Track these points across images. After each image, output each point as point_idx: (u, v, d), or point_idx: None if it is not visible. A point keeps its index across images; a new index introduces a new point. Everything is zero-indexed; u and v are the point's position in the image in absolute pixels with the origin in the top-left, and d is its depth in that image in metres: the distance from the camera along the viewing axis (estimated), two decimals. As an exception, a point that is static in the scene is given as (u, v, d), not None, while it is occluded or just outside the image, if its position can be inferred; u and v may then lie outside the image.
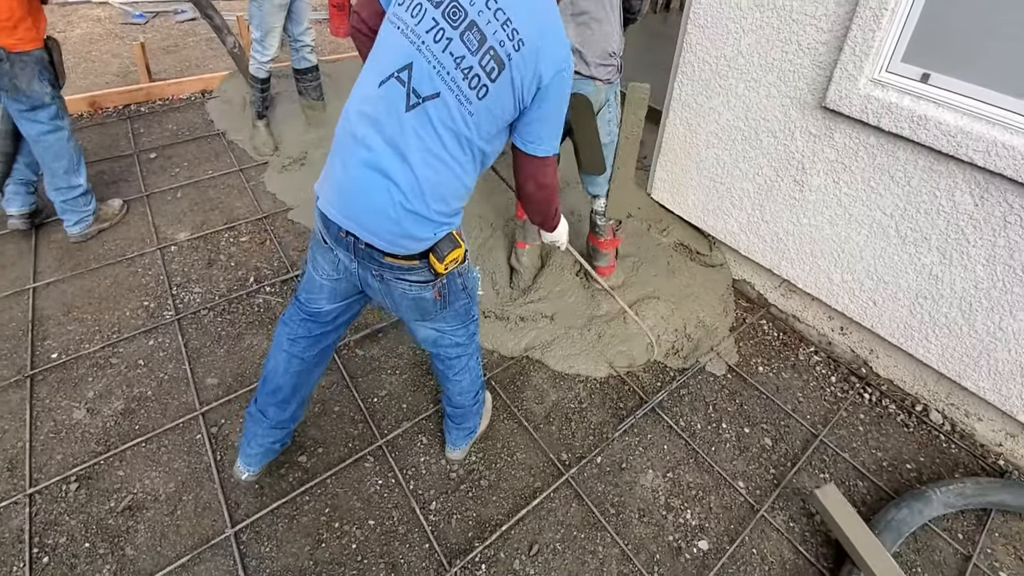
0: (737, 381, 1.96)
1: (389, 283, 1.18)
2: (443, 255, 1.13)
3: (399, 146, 1.04)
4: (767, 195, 2.09)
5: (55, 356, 1.83)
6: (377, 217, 1.07)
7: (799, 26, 1.80)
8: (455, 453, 1.62)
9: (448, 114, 1.02)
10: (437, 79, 1.01)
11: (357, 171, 1.07)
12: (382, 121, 1.04)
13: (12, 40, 1.82)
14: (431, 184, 1.06)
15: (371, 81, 1.05)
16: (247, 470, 1.43)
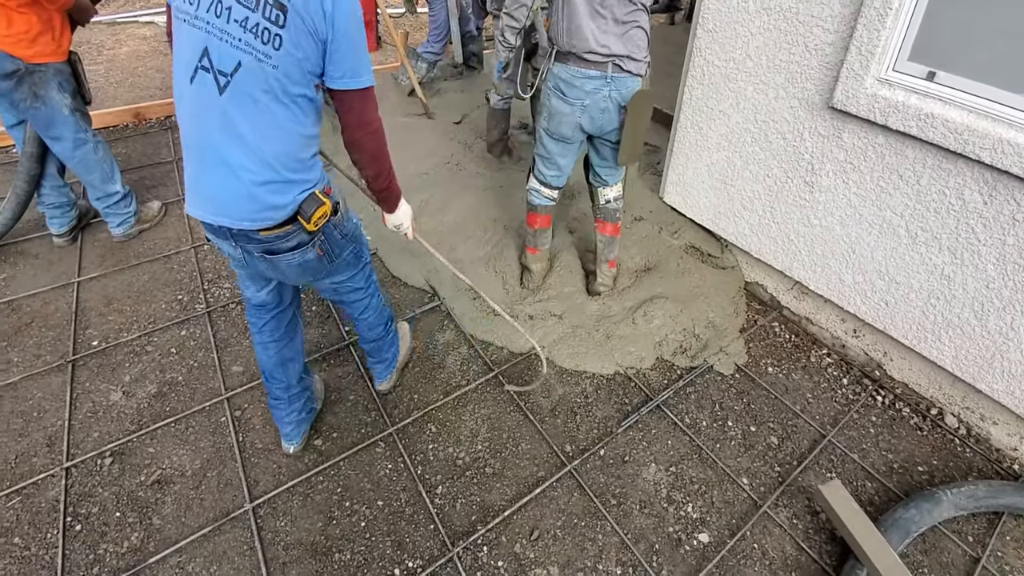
0: (745, 381, 1.97)
1: (272, 260, 1.25)
2: (308, 215, 1.18)
3: (229, 128, 1.08)
4: (777, 197, 2.11)
5: (96, 344, 1.98)
6: (237, 201, 1.13)
7: (806, 28, 1.84)
8: (383, 384, 1.84)
9: (256, 77, 1.05)
10: (234, 51, 1.04)
11: (205, 168, 1.13)
12: (205, 115, 1.08)
13: (30, 52, 1.92)
14: (271, 151, 1.11)
15: (182, 81, 1.09)
16: (290, 444, 1.65)
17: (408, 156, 3.02)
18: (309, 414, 1.66)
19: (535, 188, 2.06)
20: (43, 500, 1.52)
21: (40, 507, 1.51)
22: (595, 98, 1.74)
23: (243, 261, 1.30)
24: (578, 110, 1.77)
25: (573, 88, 1.74)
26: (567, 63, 1.72)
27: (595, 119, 1.80)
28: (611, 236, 2.13)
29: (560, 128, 1.83)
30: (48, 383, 1.84)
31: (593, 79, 1.71)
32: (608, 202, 2.09)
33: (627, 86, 1.75)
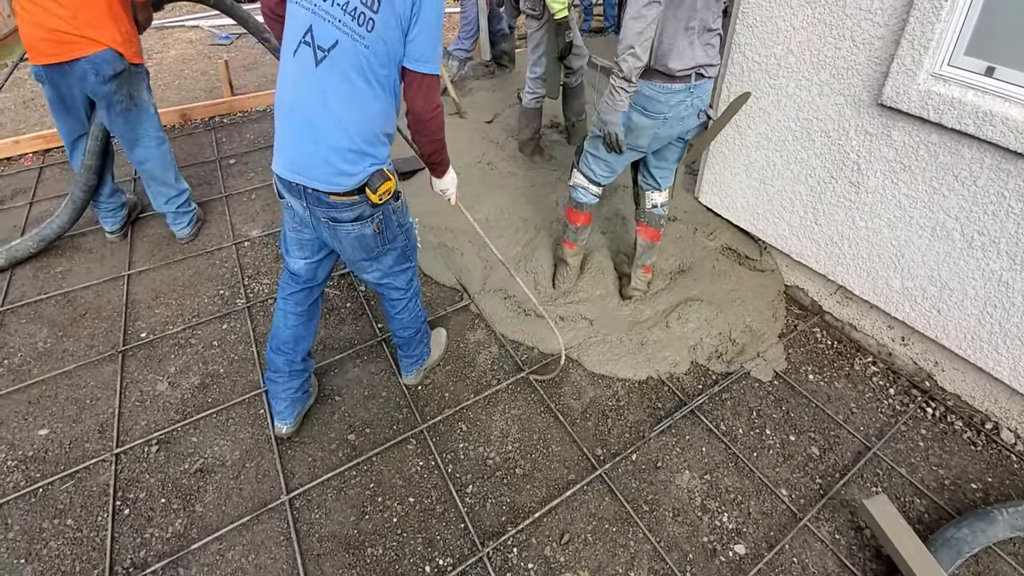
0: (784, 388, 1.90)
1: (335, 228, 1.38)
2: (376, 187, 1.31)
3: (319, 97, 1.23)
4: (820, 198, 2.03)
5: (144, 335, 2.07)
6: (315, 162, 1.28)
7: (853, 21, 1.77)
8: (408, 378, 1.90)
9: (349, 55, 1.21)
10: (334, 30, 1.20)
11: (293, 130, 1.28)
12: (301, 82, 1.25)
13: (130, 52, 2.04)
14: (353, 120, 1.25)
15: (287, 55, 1.27)
16: (283, 424, 1.69)
17: (441, 156, 3.04)
18: (305, 395, 1.73)
19: (582, 185, 2.00)
20: (94, 484, 1.60)
21: (92, 491, 1.59)
22: (677, 110, 1.71)
23: (307, 222, 1.43)
24: (659, 123, 1.73)
25: (657, 103, 1.69)
26: (652, 80, 1.66)
27: (674, 129, 1.76)
28: (651, 242, 2.07)
29: (638, 141, 1.79)
30: (100, 372, 1.93)
31: (678, 93, 1.67)
32: (655, 207, 2.02)
33: (705, 91, 1.74)
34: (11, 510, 1.54)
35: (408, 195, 2.79)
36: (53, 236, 2.36)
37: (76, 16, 1.88)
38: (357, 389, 1.88)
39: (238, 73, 4.22)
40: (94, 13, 1.90)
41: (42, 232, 2.34)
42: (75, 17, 1.88)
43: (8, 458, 1.67)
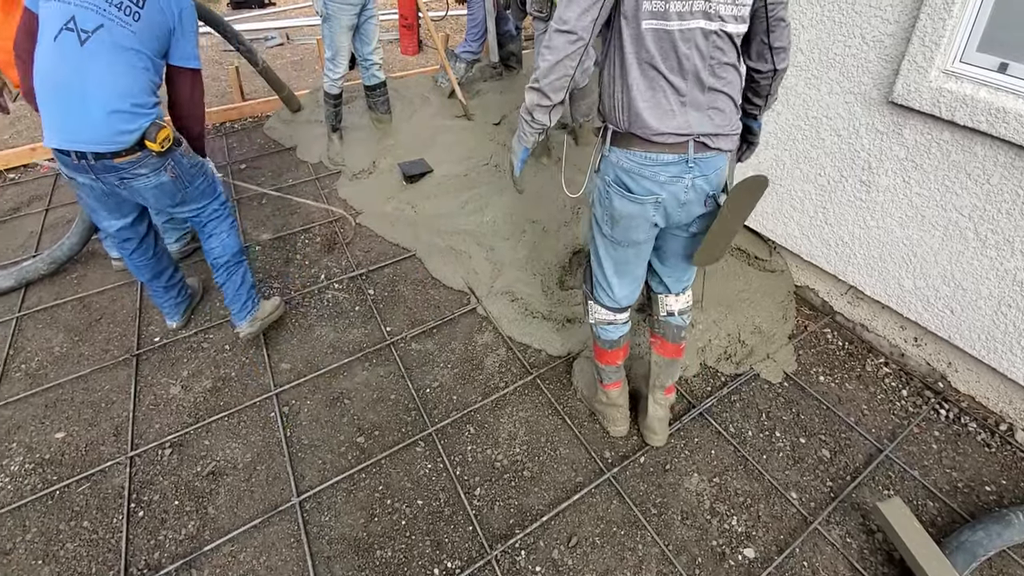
0: (795, 390, 1.89)
1: (131, 184, 1.54)
2: (154, 136, 1.48)
3: (86, 70, 1.40)
4: (830, 197, 2.01)
5: (157, 340, 2.10)
6: (92, 126, 1.42)
7: (863, 18, 1.74)
8: (243, 327, 1.92)
9: (116, 35, 1.41)
10: (97, 16, 1.39)
11: (64, 105, 1.42)
12: (66, 62, 1.39)
13: None
14: (124, 84, 1.43)
15: (46, 42, 1.41)
16: (172, 321, 2.06)
17: (448, 157, 3.06)
18: (185, 299, 2.08)
19: (605, 321, 1.54)
20: (110, 487, 1.63)
21: (107, 493, 1.61)
22: (672, 189, 1.25)
23: (104, 193, 1.58)
24: (650, 208, 1.28)
25: (641, 180, 1.25)
26: (630, 147, 1.23)
27: (671, 214, 1.30)
28: (672, 359, 1.60)
29: (629, 234, 1.34)
30: (115, 376, 1.96)
31: (669, 166, 1.22)
32: (670, 315, 1.55)
33: (714, 168, 1.26)
34: (29, 512, 1.57)
35: (418, 197, 2.81)
36: (64, 258, 2.37)
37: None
38: (366, 392, 1.90)
39: (249, 78, 4.25)
40: None
41: (53, 254, 2.36)
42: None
43: (26, 461, 1.70)
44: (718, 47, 1.17)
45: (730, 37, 1.17)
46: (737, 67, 1.23)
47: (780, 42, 1.25)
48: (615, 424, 1.70)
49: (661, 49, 1.14)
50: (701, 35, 1.14)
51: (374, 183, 2.98)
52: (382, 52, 3.16)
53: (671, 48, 1.14)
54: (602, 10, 1.13)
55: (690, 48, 1.14)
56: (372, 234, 2.66)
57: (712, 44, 1.16)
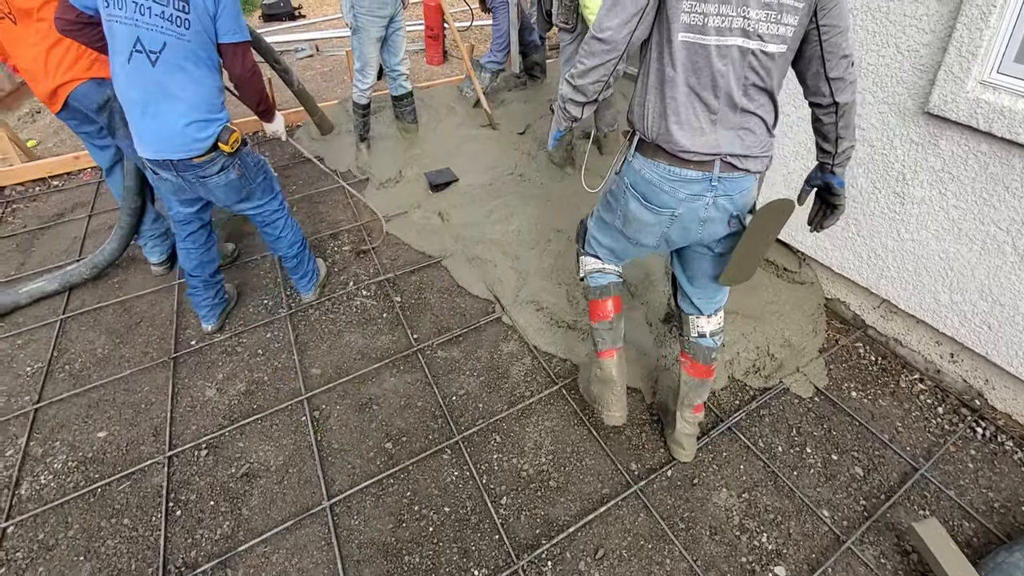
0: (826, 405, 1.85)
1: (205, 182, 1.76)
2: (226, 139, 1.70)
3: (162, 89, 1.59)
4: (863, 208, 1.98)
5: (194, 343, 2.17)
6: (174, 138, 1.64)
7: (897, 28, 1.72)
8: (308, 295, 2.28)
9: (177, 52, 1.57)
10: (159, 35, 1.54)
11: (149, 121, 1.63)
12: (144, 82, 1.59)
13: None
14: (194, 99, 1.63)
15: (120, 63, 1.58)
16: (208, 324, 2.15)
17: (473, 166, 3.09)
18: (222, 302, 2.18)
19: (595, 269, 1.55)
20: (149, 486, 1.68)
21: (146, 492, 1.67)
22: (693, 206, 1.24)
23: (183, 187, 1.81)
24: (666, 221, 1.28)
25: (661, 194, 1.25)
26: (655, 158, 1.23)
27: (690, 231, 1.30)
28: (702, 379, 1.56)
29: (638, 236, 1.37)
30: (154, 378, 2.03)
31: (691, 183, 1.22)
32: (702, 336, 1.52)
33: (740, 189, 1.24)
34: (71, 509, 1.63)
35: (444, 206, 2.85)
36: (105, 263, 2.46)
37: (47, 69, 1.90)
38: (393, 399, 1.92)
39: (280, 89, 4.36)
40: (64, 51, 1.91)
41: (94, 259, 2.45)
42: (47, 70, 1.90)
43: (69, 459, 1.77)
44: (754, 68, 1.14)
45: (769, 59, 1.14)
46: (773, 94, 1.20)
47: (837, 72, 1.18)
48: (608, 407, 1.56)
49: (695, 64, 1.13)
50: (738, 52, 1.12)
51: (401, 191, 3.03)
52: (409, 63, 3.22)
53: (706, 64, 1.13)
54: (640, 23, 1.13)
55: (726, 65, 1.13)
56: (399, 242, 2.71)
57: (748, 64, 1.14)
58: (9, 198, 3.17)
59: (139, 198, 2.35)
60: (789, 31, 1.13)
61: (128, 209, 2.36)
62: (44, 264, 2.64)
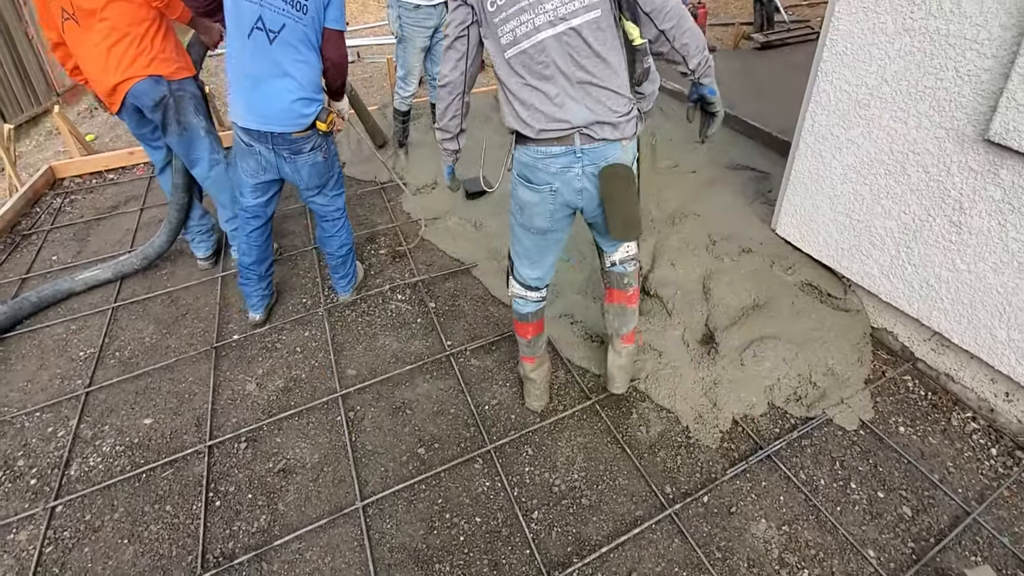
0: (871, 439, 1.79)
1: (295, 160, 1.89)
2: (324, 118, 1.84)
3: (278, 66, 1.73)
4: (915, 236, 1.91)
5: (235, 337, 2.23)
6: (281, 113, 1.77)
7: (956, 51, 1.67)
8: (345, 296, 2.36)
9: (296, 33, 1.71)
10: (280, 17, 1.68)
11: (261, 91, 1.74)
12: (261, 57, 1.72)
13: (170, 70, 2.07)
14: (303, 77, 1.77)
15: (240, 36, 1.70)
16: (255, 313, 2.24)
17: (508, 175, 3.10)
18: (270, 294, 2.29)
19: (519, 295, 1.70)
20: (190, 474, 1.73)
21: (188, 480, 1.71)
22: (565, 178, 1.41)
23: (271, 164, 1.91)
24: (547, 196, 1.44)
25: (537, 172, 1.42)
26: (526, 144, 1.42)
27: (572, 202, 1.46)
28: (622, 305, 1.70)
29: (533, 220, 1.51)
30: (197, 369, 2.09)
31: (558, 157, 1.38)
32: (614, 265, 1.67)
33: (605, 157, 1.38)
34: (117, 492, 1.69)
35: (478, 214, 2.87)
36: (154, 255, 2.56)
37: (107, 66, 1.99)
38: (427, 404, 1.94)
39: (323, 92, 4.49)
40: (125, 49, 1.99)
41: (145, 251, 2.55)
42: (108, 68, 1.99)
43: (117, 443, 1.84)
44: (574, 45, 1.29)
45: (584, 30, 1.27)
46: (604, 57, 1.31)
47: (652, 5, 1.29)
48: (529, 397, 1.89)
49: (525, 65, 1.33)
50: (553, 40, 1.28)
51: (437, 197, 3.06)
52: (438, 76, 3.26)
53: (532, 61, 1.32)
54: (468, 62, 1.42)
55: (547, 56, 1.30)
56: (434, 247, 2.74)
57: (566, 44, 1.29)
58: (68, 189, 3.33)
59: (187, 195, 2.44)
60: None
61: (176, 205, 2.45)
62: (99, 253, 2.76)
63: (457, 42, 1.39)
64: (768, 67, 4.59)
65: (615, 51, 1.33)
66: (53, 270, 2.66)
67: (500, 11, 1.30)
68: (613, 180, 1.39)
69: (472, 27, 1.37)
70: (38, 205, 3.17)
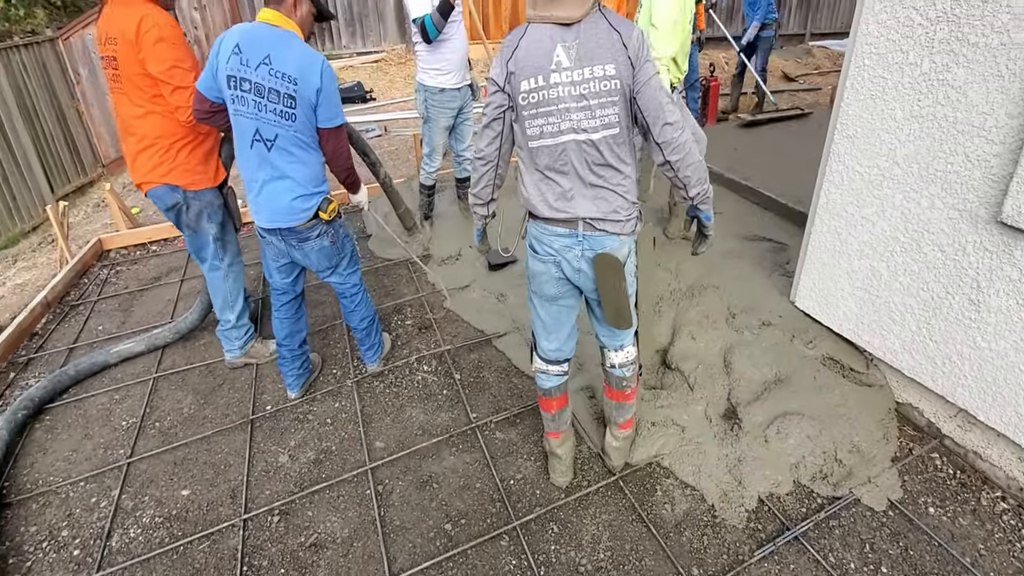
0: (901, 520, 1.83)
1: (303, 247, 2.11)
2: (326, 208, 2.06)
3: (276, 168, 1.96)
4: (935, 313, 2.02)
5: (269, 408, 2.40)
6: (283, 210, 2.01)
7: (965, 137, 1.81)
8: (373, 366, 2.57)
9: (286, 140, 1.92)
10: (272, 127, 1.90)
11: (265, 193, 2.00)
12: (262, 164, 1.96)
13: (188, 181, 2.25)
14: (300, 176, 1.98)
15: (244, 146, 1.96)
16: (292, 391, 2.43)
17: (533, 246, 3.32)
18: (306, 371, 2.47)
19: (541, 370, 1.87)
20: (225, 547, 1.86)
21: (223, 553, 1.84)
22: (567, 255, 1.61)
23: (284, 251, 2.16)
24: (552, 267, 1.65)
25: (542, 244, 1.64)
26: (536, 220, 1.64)
27: (572, 278, 1.67)
28: (619, 403, 1.92)
29: (542, 288, 1.71)
30: (233, 440, 2.26)
31: (561, 236, 1.59)
32: (613, 367, 1.86)
33: (603, 246, 1.58)
34: (156, 565, 1.82)
35: (502, 285, 3.07)
36: (186, 330, 2.81)
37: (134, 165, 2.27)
38: (453, 478, 2.05)
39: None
40: (148, 158, 2.21)
41: (177, 326, 2.80)
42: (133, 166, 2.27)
43: (156, 514, 1.98)
44: (590, 153, 1.50)
45: (600, 144, 1.48)
46: (616, 167, 1.53)
47: (663, 137, 1.49)
48: (554, 472, 2.02)
49: (547, 157, 1.54)
50: (574, 144, 1.50)
51: (461, 268, 3.29)
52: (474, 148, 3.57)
53: (552, 157, 1.53)
54: (502, 140, 1.62)
55: (566, 156, 1.51)
56: (458, 319, 2.93)
57: (583, 151, 1.50)
58: (114, 260, 3.67)
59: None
60: (614, 118, 1.47)
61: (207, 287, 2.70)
62: (141, 323, 3.02)
63: (494, 123, 1.59)
64: (781, 137, 4.86)
65: (627, 161, 1.54)
66: (98, 340, 2.91)
67: (531, 108, 1.49)
68: (604, 267, 1.58)
69: (507, 111, 1.56)
70: (86, 276, 3.50)
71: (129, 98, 2.15)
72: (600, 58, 1.42)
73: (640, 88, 1.45)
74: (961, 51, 1.79)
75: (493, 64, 1.56)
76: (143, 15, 2.02)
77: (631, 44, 1.42)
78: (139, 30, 2.01)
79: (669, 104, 1.49)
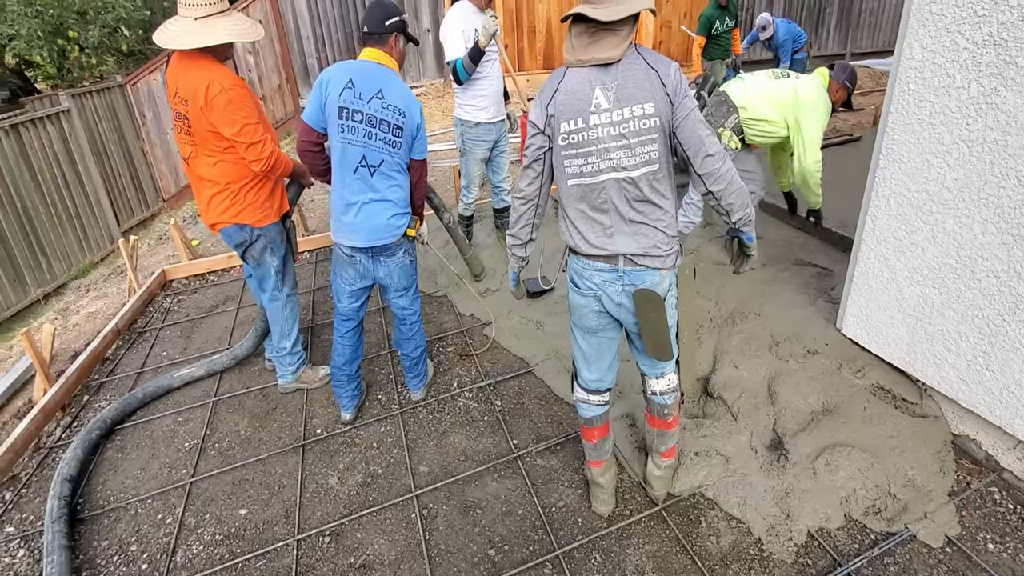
0: (960, 558, 1.79)
1: (388, 264, 2.32)
2: (413, 225, 2.32)
3: (377, 191, 2.20)
4: (991, 341, 2.00)
5: (319, 432, 2.56)
6: (383, 229, 2.23)
7: (1016, 161, 1.81)
8: (417, 394, 2.70)
9: (389, 165, 2.18)
10: (379, 154, 2.15)
11: (364, 215, 2.20)
12: (365, 188, 2.18)
13: (255, 219, 2.43)
14: (397, 198, 2.24)
15: (347, 173, 2.18)
16: (346, 413, 2.58)
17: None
18: (359, 393, 2.63)
19: (582, 399, 1.92)
20: (280, 566, 1.99)
21: (278, 572, 1.97)
22: (608, 290, 1.67)
23: (368, 272, 2.35)
24: (593, 301, 1.71)
25: (583, 279, 1.71)
26: (577, 256, 1.71)
27: (613, 312, 1.72)
28: (661, 430, 1.95)
29: (583, 320, 1.78)
30: (286, 462, 2.42)
31: (602, 271, 1.66)
32: (654, 394, 1.90)
33: (643, 281, 1.64)
34: (217, 580, 1.97)
35: (540, 314, 3.17)
36: (242, 356, 3.04)
37: (207, 209, 2.48)
38: (496, 504, 2.14)
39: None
40: (220, 201, 2.41)
41: (234, 352, 3.03)
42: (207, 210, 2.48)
43: (216, 532, 2.14)
44: (629, 190, 1.57)
45: (640, 181, 1.55)
46: (655, 202, 1.59)
47: (704, 169, 1.56)
48: (596, 501, 2.06)
49: (585, 196, 1.62)
50: (614, 183, 1.57)
51: (499, 298, 3.41)
52: (511, 180, 3.74)
53: (591, 195, 1.60)
54: (542, 180, 1.71)
55: (605, 194, 1.59)
56: (498, 346, 3.04)
57: (623, 188, 1.57)
58: (176, 290, 3.98)
59: None
60: (653, 154, 1.54)
61: (262, 316, 2.92)
62: (201, 349, 3.26)
63: (535, 163, 1.68)
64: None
65: (666, 196, 1.61)
66: (163, 365, 3.17)
67: (570, 147, 1.57)
68: (645, 302, 1.64)
69: (548, 152, 1.65)
70: (151, 305, 3.81)
71: (201, 150, 2.38)
72: (639, 98, 1.50)
73: (680, 123, 1.53)
74: (1010, 74, 1.81)
75: (532, 106, 1.68)
76: (210, 81, 2.20)
77: (669, 81, 1.50)
78: (207, 96, 2.20)
79: (710, 136, 1.56)
